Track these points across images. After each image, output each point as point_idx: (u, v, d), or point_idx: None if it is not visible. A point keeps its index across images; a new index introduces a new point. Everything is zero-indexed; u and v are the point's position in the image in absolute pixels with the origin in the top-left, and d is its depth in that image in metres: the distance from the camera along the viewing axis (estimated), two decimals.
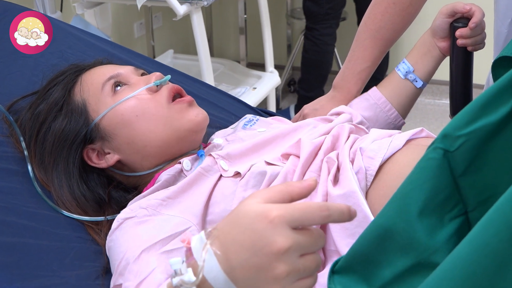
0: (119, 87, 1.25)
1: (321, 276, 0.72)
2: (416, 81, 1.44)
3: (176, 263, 0.69)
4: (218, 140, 1.30)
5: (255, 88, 3.05)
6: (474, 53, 1.38)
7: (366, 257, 0.73)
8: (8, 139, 1.30)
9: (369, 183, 1.07)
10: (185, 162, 1.21)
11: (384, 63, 3.34)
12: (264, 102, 3.16)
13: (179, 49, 3.82)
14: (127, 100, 1.22)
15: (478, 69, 1.49)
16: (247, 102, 1.82)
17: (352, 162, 1.10)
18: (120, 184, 1.27)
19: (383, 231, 0.71)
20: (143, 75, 1.30)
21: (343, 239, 1.02)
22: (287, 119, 1.43)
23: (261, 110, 1.70)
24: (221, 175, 1.16)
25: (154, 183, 1.20)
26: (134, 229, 1.09)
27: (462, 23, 1.35)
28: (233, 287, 0.68)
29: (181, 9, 2.34)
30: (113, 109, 1.22)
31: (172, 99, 1.25)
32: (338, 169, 1.11)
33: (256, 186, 1.12)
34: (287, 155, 1.17)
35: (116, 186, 1.26)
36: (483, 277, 0.56)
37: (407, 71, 1.45)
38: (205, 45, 2.49)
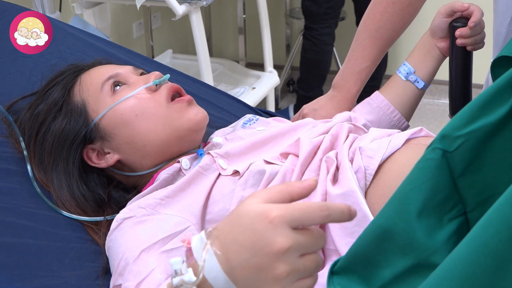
0: (118, 86, 1.25)
1: (320, 275, 0.71)
2: (417, 82, 1.44)
3: (176, 263, 0.69)
4: (217, 139, 1.30)
5: (254, 88, 3.05)
6: (473, 53, 1.39)
7: (365, 258, 0.73)
8: (7, 139, 1.29)
9: (368, 183, 1.07)
10: (184, 161, 1.21)
11: (382, 63, 3.33)
12: (263, 102, 3.16)
13: (178, 49, 3.82)
14: (126, 99, 1.22)
15: (477, 69, 1.49)
16: (246, 102, 1.81)
17: (351, 161, 1.10)
18: (120, 184, 1.27)
19: (382, 231, 0.71)
20: (142, 74, 1.30)
21: (342, 238, 1.02)
22: (287, 119, 1.43)
23: (261, 110, 1.70)
24: (220, 174, 1.16)
25: (153, 183, 1.20)
26: (133, 229, 1.09)
27: (461, 22, 1.35)
28: (233, 287, 0.68)
29: (180, 9, 2.34)
30: (112, 108, 1.22)
31: (171, 98, 1.25)
32: (337, 168, 1.11)
33: (255, 185, 1.12)
34: (286, 154, 1.17)
35: (116, 186, 1.26)
36: (482, 277, 0.56)
37: (408, 73, 1.45)
38: (204, 45, 2.49)
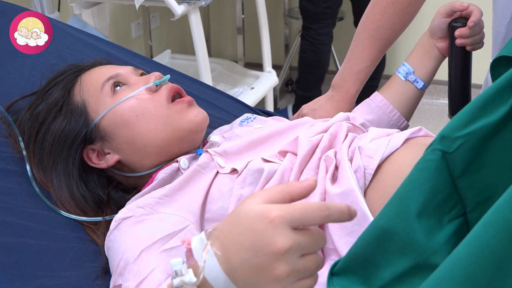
0: (118, 87, 1.25)
1: (320, 274, 0.72)
2: (417, 82, 1.44)
3: (176, 263, 0.69)
4: (215, 137, 1.30)
5: (253, 88, 3.04)
6: (472, 53, 1.39)
7: (365, 258, 0.73)
8: (7, 140, 1.29)
9: (368, 182, 1.07)
10: (182, 160, 1.21)
11: (381, 63, 3.31)
12: (262, 102, 3.16)
13: (176, 49, 3.82)
14: (126, 100, 1.22)
15: (476, 69, 1.49)
16: (245, 102, 1.81)
17: (350, 160, 1.10)
18: (119, 184, 1.26)
19: (382, 232, 0.71)
20: (142, 75, 1.30)
21: (342, 237, 1.02)
22: (285, 119, 1.43)
23: (260, 110, 1.70)
24: (218, 172, 1.16)
25: (151, 182, 1.20)
26: (132, 229, 1.09)
27: (460, 22, 1.35)
28: None
29: (179, 9, 2.34)
30: (112, 109, 1.22)
31: (171, 99, 1.25)
32: (336, 167, 1.11)
33: (253, 183, 1.12)
34: (284, 153, 1.16)
35: (115, 186, 1.26)
36: (482, 278, 0.56)
37: (407, 73, 1.45)
38: (203, 45, 2.49)
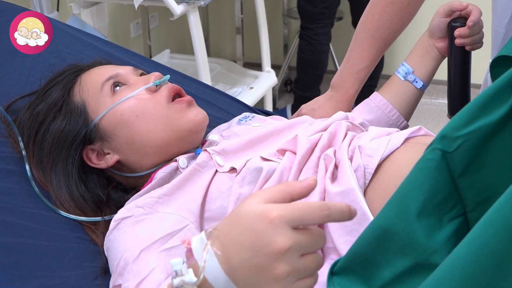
0: (118, 87, 1.25)
1: (320, 274, 0.71)
2: (416, 82, 1.44)
3: (176, 263, 0.69)
4: (213, 136, 1.29)
5: (252, 87, 3.04)
6: (471, 53, 1.39)
7: (365, 258, 0.73)
8: (6, 139, 1.29)
9: (367, 181, 1.07)
10: (181, 160, 1.21)
11: (379, 63, 3.32)
12: (260, 101, 3.15)
13: (175, 49, 3.82)
14: (126, 100, 1.22)
15: (475, 68, 1.49)
16: (244, 101, 1.81)
17: (350, 159, 1.10)
18: (119, 184, 1.26)
19: (382, 231, 0.71)
20: (142, 75, 1.30)
21: (341, 236, 1.02)
22: (284, 118, 1.43)
23: (259, 109, 1.70)
24: (217, 171, 1.16)
25: (150, 182, 1.20)
26: (131, 228, 1.09)
27: (459, 22, 1.35)
28: (234, 287, 0.68)
29: (178, 9, 2.33)
30: (112, 109, 1.21)
31: (172, 98, 1.25)
32: (335, 166, 1.11)
33: (252, 182, 1.12)
34: (283, 151, 1.16)
35: (115, 186, 1.25)
36: (482, 277, 0.56)
37: (406, 72, 1.45)
38: (202, 45, 2.49)
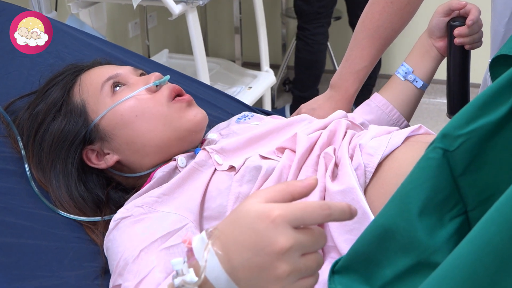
0: (118, 87, 1.24)
1: (320, 273, 0.71)
2: (416, 81, 1.44)
3: (177, 263, 0.69)
4: (212, 135, 1.29)
5: (251, 87, 3.04)
6: (471, 52, 1.39)
7: (366, 257, 0.73)
8: (5, 139, 1.29)
9: (368, 180, 1.07)
10: (180, 159, 1.21)
11: (377, 62, 3.33)
12: (259, 101, 3.15)
13: (173, 49, 3.82)
14: (126, 100, 1.22)
15: (474, 68, 1.49)
16: (242, 101, 1.81)
17: (351, 158, 1.09)
18: (118, 185, 1.26)
19: (383, 230, 0.71)
20: (142, 75, 1.30)
21: (342, 235, 1.01)
22: (283, 117, 1.42)
23: (258, 109, 1.70)
24: (216, 169, 1.16)
25: (149, 181, 1.20)
26: (131, 228, 1.09)
27: (459, 21, 1.35)
28: (235, 287, 0.68)
29: (176, 8, 2.33)
30: (112, 109, 1.21)
31: (172, 98, 1.24)
32: (336, 164, 1.11)
33: (251, 181, 1.12)
34: (282, 149, 1.16)
35: (114, 187, 1.25)
36: (484, 276, 0.56)
37: (406, 72, 1.45)
38: (200, 45, 2.49)
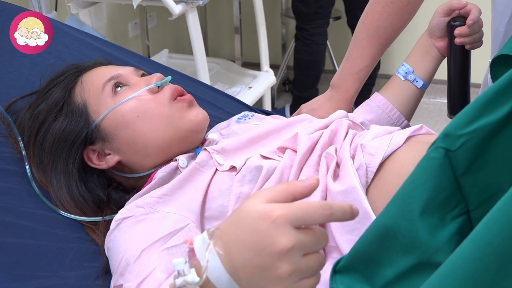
0: (119, 88, 1.25)
1: (322, 273, 0.71)
2: (416, 81, 1.44)
3: (179, 263, 0.69)
4: (212, 135, 1.29)
5: (251, 87, 3.04)
6: (471, 52, 1.39)
7: (368, 257, 0.73)
8: (6, 139, 1.29)
9: (370, 180, 1.07)
10: (181, 159, 1.21)
11: None
12: (259, 101, 3.15)
13: (173, 49, 3.81)
14: (128, 101, 1.22)
15: (475, 68, 1.49)
16: (243, 101, 1.81)
17: (352, 158, 1.09)
18: (119, 185, 1.26)
19: (385, 230, 0.71)
20: (143, 75, 1.30)
21: (343, 235, 1.01)
22: (283, 117, 1.42)
23: (258, 109, 1.70)
24: (217, 170, 1.16)
25: (150, 181, 1.20)
26: (132, 228, 1.09)
27: (459, 21, 1.35)
28: (236, 287, 0.68)
29: (176, 8, 2.33)
30: (114, 110, 1.21)
31: (174, 98, 1.24)
32: (337, 164, 1.10)
33: (252, 181, 1.12)
34: (283, 149, 1.16)
35: (115, 187, 1.25)
36: (485, 275, 0.56)
37: (406, 72, 1.45)
38: (200, 45, 2.49)
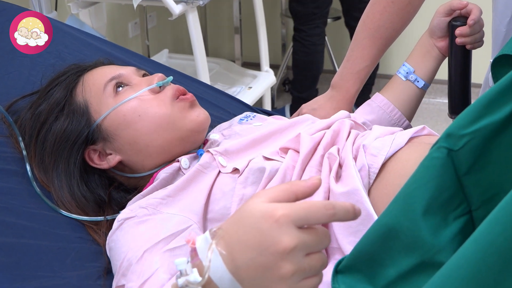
0: (121, 87, 1.25)
1: (324, 273, 0.71)
2: (417, 81, 1.44)
3: (181, 263, 0.69)
4: (214, 136, 1.29)
5: (251, 87, 3.04)
6: (472, 52, 1.39)
7: (370, 256, 0.73)
8: (7, 139, 1.29)
9: (372, 181, 1.07)
10: (183, 160, 1.21)
11: None
12: (259, 101, 3.15)
13: (173, 49, 3.81)
14: (129, 100, 1.22)
15: (476, 68, 1.49)
16: (244, 101, 1.81)
17: (355, 159, 1.09)
18: (120, 185, 1.26)
19: (387, 230, 0.71)
20: (145, 75, 1.30)
21: (346, 236, 1.01)
22: (285, 117, 1.42)
23: (259, 109, 1.70)
24: (220, 172, 1.16)
25: (152, 182, 1.20)
26: (135, 229, 1.08)
27: (460, 21, 1.35)
28: (239, 287, 0.67)
29: (176, 8, 2.33)
30: (115, 110, 1.21)
31: (176, 98, 1.24)
32: (339, 165, 1.10)
33: (255, 183, 1.12)
34: (285, 149, 1.16)
35: (116, 187, 1.25)
36: (488, 275, 0.56)
37: (407, 72, 1.45)
38: (200, 45, 2.48)
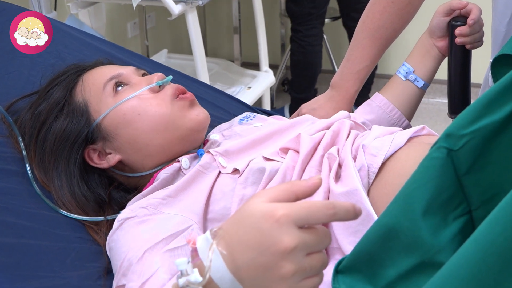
0: (120, 87, 1.25)
1: (325, 273, 0.71)
2: (417, 81, 1.44)
3: (182, 263, 0.69)
4: (214, 136, 1.29)
5: (250, 87, 3.04)
6: (472, 52, 1.39)
7: (370, 257, 0.73)
8: (7, 140, 1.29)
9: (371, 181, 1.07)
10: (184, 160, 1.21)
11: None
12: (258, 101, 3.15)
13: (172, 49, 3.81)
14: (129, 100, 1.22)
15: (475, 68, 1.49)
16: (243, 101, 1.81)
17: (354, 159, 1.09)
18: (120, 185, 1.26)
19: (387, 230, 0.71)
20: (144, 75, 1.30)
21: (346, 237, 1.01)
22: (285, 118, 1.42)
23: (259, 109, 1.70)
24: (220, 172, 1.16)
25: (153, 182, 1.20)
26: (135, 229, 1.09)
27: (460, 21, 1.35)
28: (240, 287, 0.67)
29: (176, 8, 2.33)
30: (114, 109, 1.21)
31: (176, 97, 1.24)
32: (339, 165, 1.10)
33: (255, 183, 1.12)
34: (285, 149, 1.16)
35: (116, 186, 1.25)
36: (488, 275, 0.56)
37: (407, 72, 1.45)
38: (200, 45, 2.48)
